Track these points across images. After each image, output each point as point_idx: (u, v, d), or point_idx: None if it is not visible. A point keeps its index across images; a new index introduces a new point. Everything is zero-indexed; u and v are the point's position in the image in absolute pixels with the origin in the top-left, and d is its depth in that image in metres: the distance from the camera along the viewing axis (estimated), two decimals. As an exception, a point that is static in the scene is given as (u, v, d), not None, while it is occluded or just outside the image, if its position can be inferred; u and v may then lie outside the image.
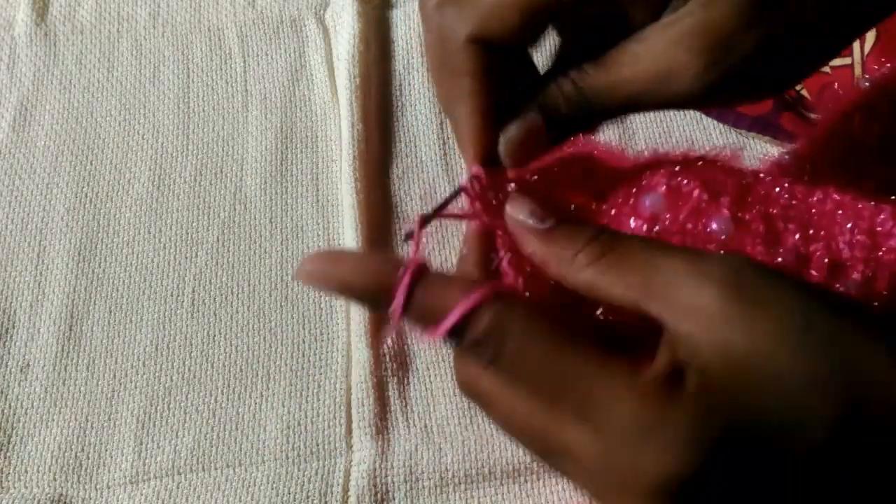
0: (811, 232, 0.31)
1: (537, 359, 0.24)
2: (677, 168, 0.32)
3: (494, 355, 0.25)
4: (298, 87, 0.63)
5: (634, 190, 0.32)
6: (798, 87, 0.56)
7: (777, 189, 0.32)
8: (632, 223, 0.31)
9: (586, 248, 0.27)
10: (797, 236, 0.30)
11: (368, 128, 0.60)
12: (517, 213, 0.29)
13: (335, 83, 0.62)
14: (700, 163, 0.33)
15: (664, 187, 0.31)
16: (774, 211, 0.31)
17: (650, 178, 0.32)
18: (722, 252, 0.28)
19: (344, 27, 0.64)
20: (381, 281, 0.25)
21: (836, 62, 0.50)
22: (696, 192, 0.31)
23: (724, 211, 0.31)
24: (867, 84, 0.39)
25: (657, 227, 0.31)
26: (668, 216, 0.31)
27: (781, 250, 0.30)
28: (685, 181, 0.32)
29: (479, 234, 0.32)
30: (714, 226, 0.30)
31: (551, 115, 0.29)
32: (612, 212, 0.32)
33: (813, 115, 0.53)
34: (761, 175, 0.33)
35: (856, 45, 0.48)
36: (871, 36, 0.47)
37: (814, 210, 0.31)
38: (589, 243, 0.27)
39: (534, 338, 0.24)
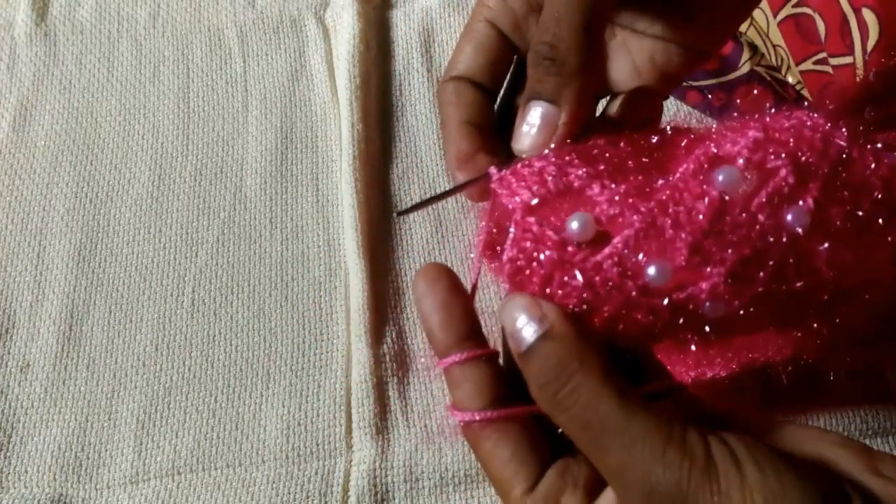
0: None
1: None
2: (763, 135, 0.27)
3: None
4: (298, 87, 0.63)
5: (706, 158, 0.27)
6: (798, 88, 0.56)
7: (874, 177, 0.26)
8: (699, 206, 0.26)
9: (559, 388, 0.26)
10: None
11: (368, 128, 0.60)
12: (507, 317, 0.28)
13: (335, 83, 0.62)
14: (793, 127, 0.27)
15: (742, 160, 0.26)
16: (863, 207, 0.26)
17: (730, 144, 0.27)
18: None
19: (344, 27, 0.64)
20: (435, 342, 0.31)
21: (838, 61, 0.50)
22: (782, 172, 0.26)
23: (808, 201, 0.26)
24: (873, 77, 0.38)
25: (728, 219, 0.25)
26: (738, 204, 0.26)
27: (842, 258, 0.26)
28: (772, 155, 0.26)
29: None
30: (789, 217, 0.26)
31: None
32: (679, 182, 0.27)
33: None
34: (865, 150, 0.27)
35: (857, 44, 0.48)
36: (873, 34, 0.47)
37: None
38: (560, 386, 0.26)
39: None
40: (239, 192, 0.58)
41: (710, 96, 0.59)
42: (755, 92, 0.58)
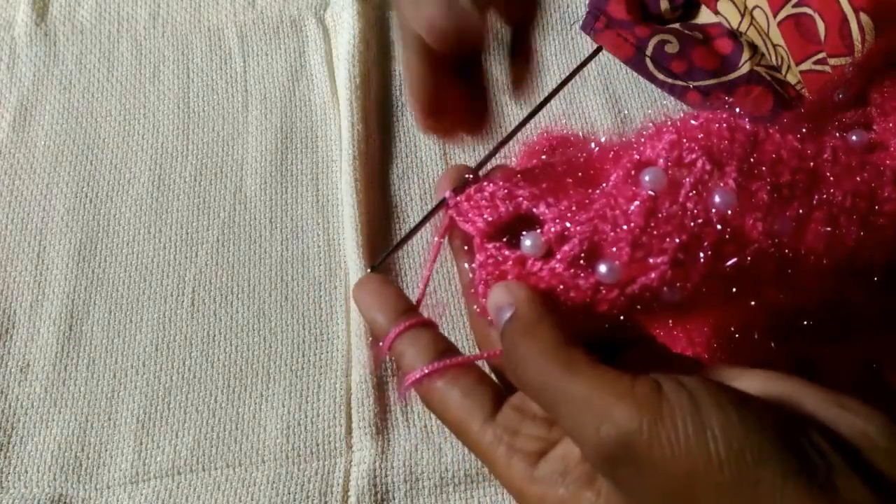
0: (820, 197, 0.29)
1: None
2: (677, 136, 0.30)
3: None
4: (298, 87, 0.63)
5: (632, 165, 0.30)
6: (799, 88, 0.56)
7: (785, 151, 0.30)
8: (632, 207, 0.29)
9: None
10: (799, 210, 0.29)
11: (368, 128, 0.60)
12: (490, 308, 0.30)
13: (335, 83, 0.62)
14: (701, 124, 0.30)
15: (663, 160, 0.30)
16: (784, 178, 0.29)
17: (649, 149, 0.30)
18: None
19: (344, 27, 0.64)
20: (378, 329, 0.33)
21: (837, 61, 0.50)
22: (699, 163, 0.29)
23: (729, 182, 0.29)
24: (849, 67, 0.39)
25: (660, 214, 0.28)
26: (667, 198, 0.29)
27: (777, 227, 0.29)
28: (687, 150, 0.30)
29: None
30: (717, 199, 0.28)
31: None
32: (612, 190, 0.30)
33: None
34: (770, 130, 0.31)
35: (856, 43, 0.48)
36: (870, 37, 0.47)
37: (828, 173, 0.30)
38: (513, 363, 0.28)
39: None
40: (239, 192, 0.58)
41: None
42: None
